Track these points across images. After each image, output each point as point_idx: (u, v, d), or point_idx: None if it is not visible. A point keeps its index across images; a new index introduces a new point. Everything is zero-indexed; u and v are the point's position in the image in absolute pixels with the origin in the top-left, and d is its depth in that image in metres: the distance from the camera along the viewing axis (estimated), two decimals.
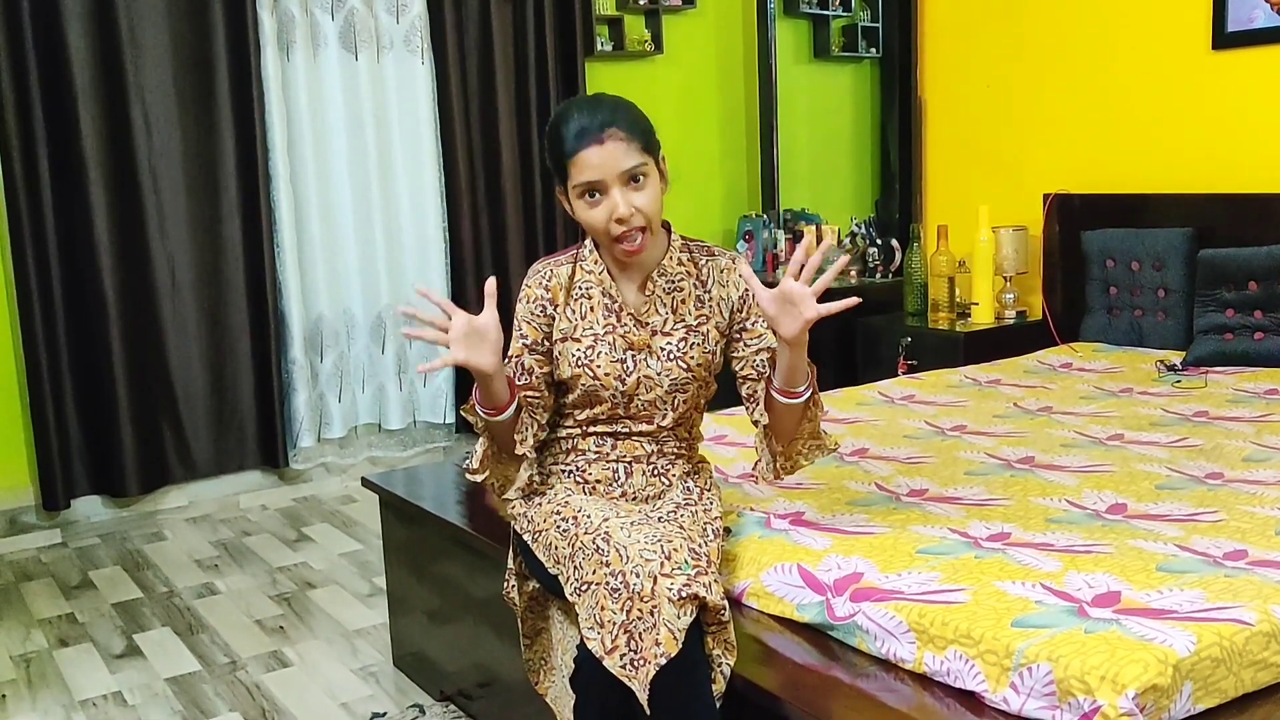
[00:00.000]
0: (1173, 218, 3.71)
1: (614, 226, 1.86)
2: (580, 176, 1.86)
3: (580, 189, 1.87)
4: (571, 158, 1.86)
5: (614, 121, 1.85)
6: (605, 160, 1.84)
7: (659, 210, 1.91)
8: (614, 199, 1.85)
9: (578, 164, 1.85)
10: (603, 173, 1.84)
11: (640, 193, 1.87)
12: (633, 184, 1.86)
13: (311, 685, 2.79)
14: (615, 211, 1.85)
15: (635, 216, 1.86)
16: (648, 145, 1.89)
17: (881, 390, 3.30)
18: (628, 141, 1.85)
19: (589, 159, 1.84)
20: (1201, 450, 2.51)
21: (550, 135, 1.91)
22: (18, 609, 3.36)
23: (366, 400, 4.51)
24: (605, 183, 1.85)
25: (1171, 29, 3.81)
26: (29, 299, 3.78)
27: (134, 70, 3.90)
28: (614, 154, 1.84)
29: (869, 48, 5.18)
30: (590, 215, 1.88)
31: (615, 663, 1.64)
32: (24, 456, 3.93)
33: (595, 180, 1.85)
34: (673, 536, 1.74)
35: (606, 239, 1.89)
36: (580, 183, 1.86)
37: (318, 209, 4.30)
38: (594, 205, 1.87)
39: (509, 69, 4.61)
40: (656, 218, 1.90)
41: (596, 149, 1.84)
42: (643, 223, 1.87)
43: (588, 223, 1.90)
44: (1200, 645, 1.51)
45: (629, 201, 1.85)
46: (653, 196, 1.88)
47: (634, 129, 1.87)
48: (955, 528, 2.03)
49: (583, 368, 1.94)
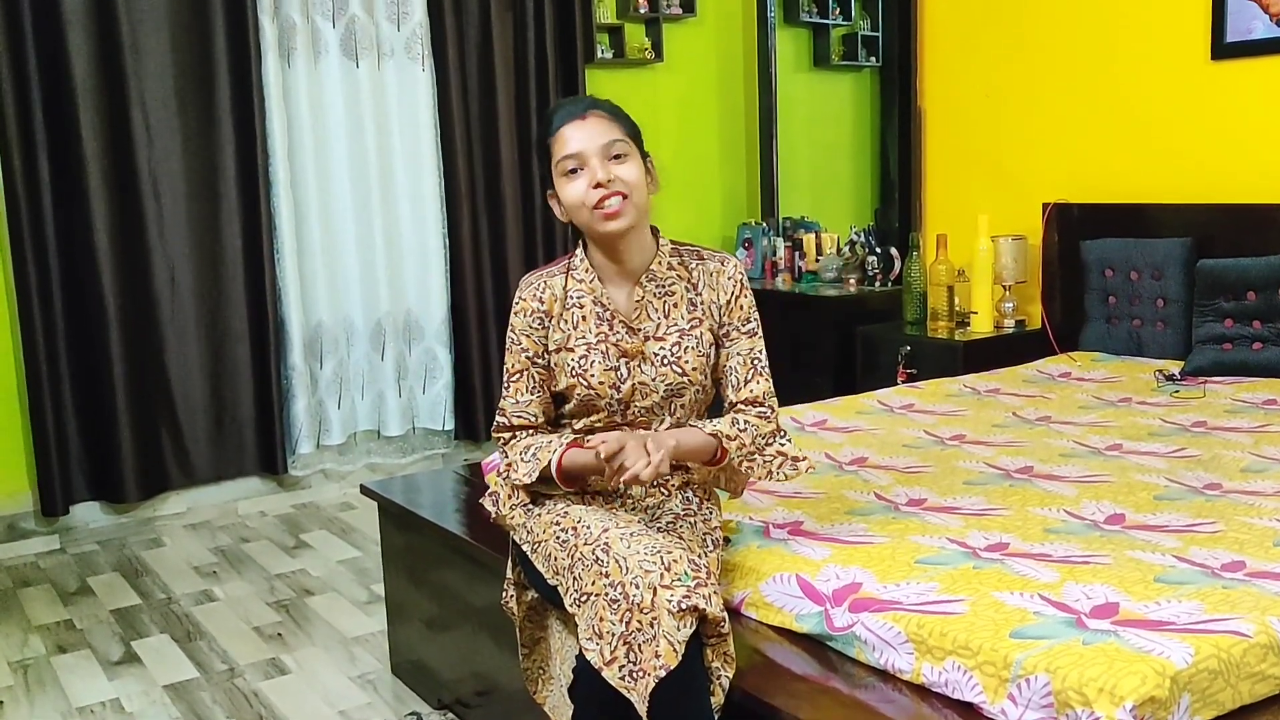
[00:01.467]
0: (1172, 227, 3.71)
1: (592, 194, 1.87)
2: (561, 151, 1.89)
3: (562, 166, 1.89)
4: (553, 135, 1.90)
5: (597, 105, 1.92)
6: (586, 134, 1.88)
7: (642, 191, 1.92)
8: (593, 168, 1.87)
9: (559, 140, 1.89)
10: (583, 144, 1.87)
11: (621, 165, 1.89)
12: (614, 160, 1.88)
13: (309, 693, 2.79)
14: (594, 176, 1.86)
15: (615, 182, 1.87)
16: (630, 132, 1.93)
17: (880, 399, 3.30)
18: (610, 121, 1.90)
19: (570, 133, 1.89)
20: (1200, 461, 2.51)
21: (538, 130, 1.96)
22: (16, 615, 3.36)
23: (366, 407, 4.51)
24: (585, 154, 1.88)
25: (1170, 39, 3.81)
26: (29, 304, 3.78)
27: (135, 77, 3.91)
28: (595, 128, 1.88)
29: (869, 56, 5.19)
30: (570, 190, 1.89)
31: (614, 674, 1.64)
32: (23, 462, 3.93)
33: (575, 152, 1.88)
34: (672, 548, 1.74)
35: (588, 214, 1.89)
36: (562, 157, 1.89)
37: (318, 215, 4.30)
38: (574, 181, 1.89)
39: (509, 77, 4.62)
40: (639, 193, 1.90)
41: (578, 123, 1.89)
42: (623, 189, 1.87)
43: (569, 202, 1.90)
44: (1198, 657, 1.51)
45: (609, 170, 1.87)
46: (635, 172, 1.90)
47: (617, 114, 1.93)
48: (954, 538, 2.03)
49: (577, 377, 1.95)
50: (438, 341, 4.57)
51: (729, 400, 2.00)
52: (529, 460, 1.93)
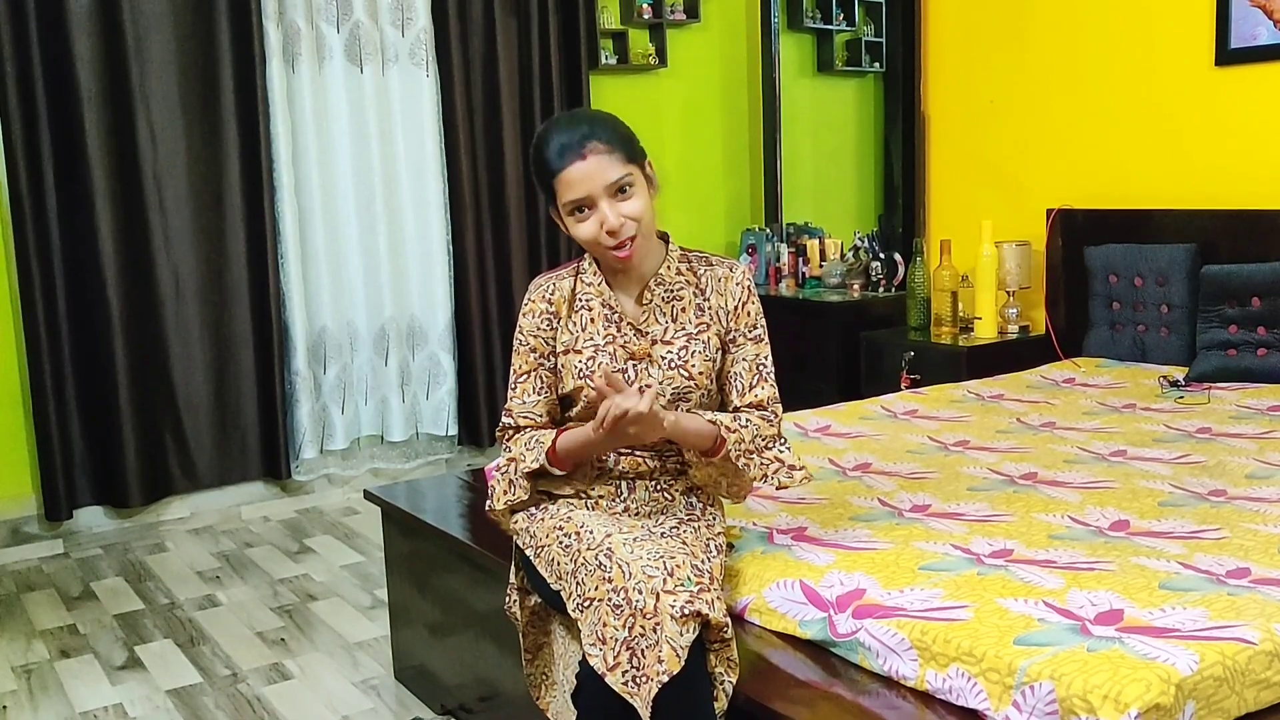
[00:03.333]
0: (1176, 233, 3.71)
1: (605, 238, 1.88)
2: (567, 195, 1.88)
3: (569, 206, 1.89)
4: (556, 176, 1.88)
5: (593, 135, 1.88)
6: (589, 175, 1.86)
7: (651, 217, 1.93)
8: (602, 211, 1.87)
9: (563, 182, 1.88)
10: (588, 188, 1.86)
11: (628, 201, 1.88)
12: (620, 195, 1.88)
13: (312, 698, 2.79)
14: (606, 223, 1.87)
15: (625, 226, 1.87)
16: (630, 154, 1.91)
17: (884, 405, 3.29)
18: (609, 154, 1.87)
19: (573, 176, 1.87)
20: (1204, 467, 2.50)
21: (534, 157, 1.93)
22: (19, 619, 3.36)
23: (369, 412, 4.52)
24: (593, 197, 1.87)
25: (1175, 45, 3.81)
26: (33, 308, 3.79)
27: (140, 81, 3.92)
28: (597, 168, 1.86)
29: (873, 62, 5.19)
30: (581, 230, 1.90)
31: (617, 679, 1.64)
32: (27, 466, 3.94)
33: (582, 197, 1.87)
34: (675, 553, 1.74)
35: (600, 250, 1.91)
36: (568, 200, 1.88)
37: (322, 221, 4.31)
38: (584, 220, 1.89)
39: (513, 82, 4.63)
40: (648, 224, 1.92)
41: (580, 164, 1.86)
42: (633, 231, 1.89)
43: (580, 238, 1.91)
44: (1203, 664, 1.51)
45: (618, 212, 1.87)
46: (641, 204, 1.90)
47: (614, 140, 1.89)
48: (958, 544, 2.02)
49: (584, 379, 1.95)
50: (441, 347, 4.57)
51: (733, 405, 2.00)
52: (533, 448, 1.94)
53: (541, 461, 1.92)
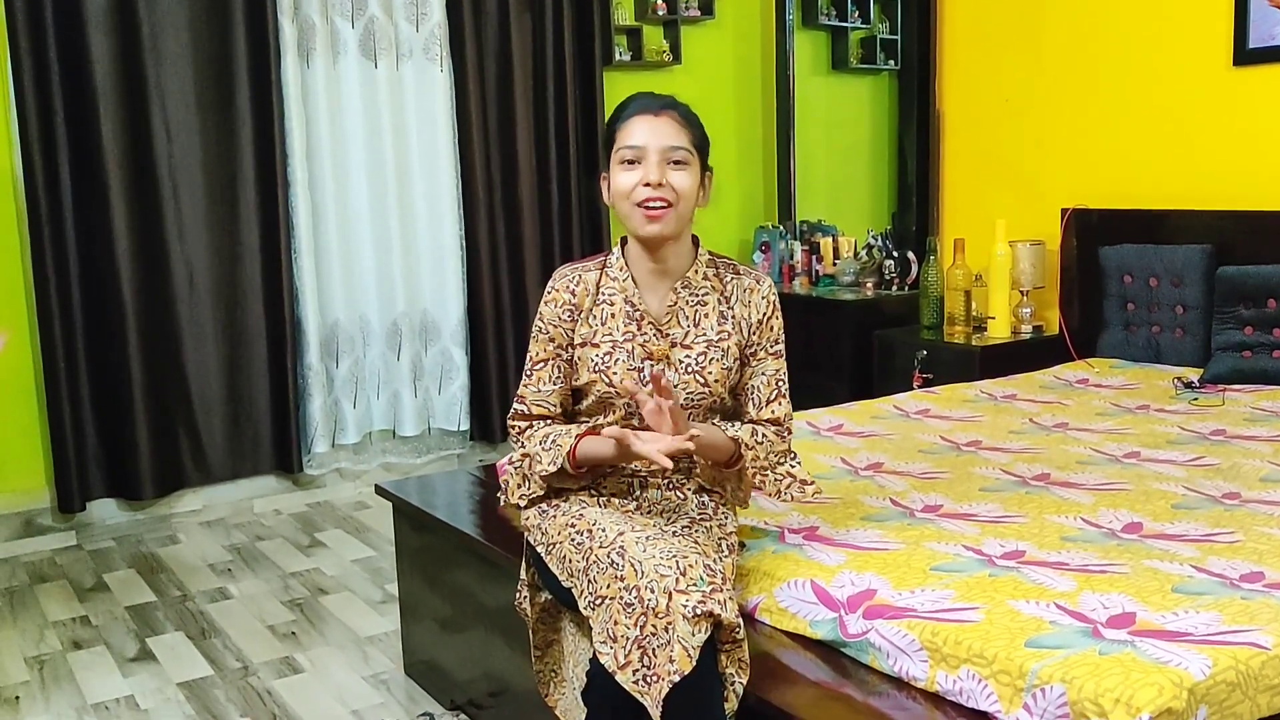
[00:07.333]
0: (1191, 234, 3.69)
1: (640, 190, 1.89)
2: (626, 140, 1.91)
3: (621, 155, 1.91)
4: (623, 123, 1.92)
5: (675, 106, 1.94)
6: (654, 130, 1.90)
7: (691, 206, 1.94)
8: (649, 165, 1.89)
9: (626, 129, 1.92)
10: (646, 140, 1.90)
11: (679, 173, 1.91)
12: (672, 165, 1.90)
13: (322, 692, 2.80)
14: (647, 175, 1.88)
15: (665, 189, 1.89)
16: (699, 143, 1.95)
17: (896, 404, 3.29)
18: (681, 126, 1.92)
19: (638, 125, 1.91)
20: (1219, 469, 2.49)
21: (612, 113, 1.98)
22: (32, 611, 3.38)
23: (381, 406, 4.52)
24: (646, 150, 1.90)
25: (1192, 45, 3.79)
26: (48, 302, 3.80)
27: (155, 77, 3.93)
28: (664, 128, 1.91)
29: (887, 60, 5.17)
30: (622, 179, 1.92)
31: (628, 678, 1.64)
32: (40, 459, 3.96)
33: (639, 146, 1.90)
34: (688, 552, 1.74)
35: (629, 208, 1.92)
36: (624, 146, 1.91)
37: (335, 215, 4.31)
38: (629, 172, 1.91)
39: (527, 78, 4.62)
40: (686, 209, 1.93)
41: (650, 118, 1.91)
42: (672, 199, 1.89)
43: (617, 189, 1.92)
44: (1216, 669, 1.50)
45: (664, 173, 1.89)
46: (690, 183, 1.92)
47: (691, 122, 1.95)
48: (969, 545, 2.02)
49: (599, 373, 1.95)
50: (454, 342, 4.57)
51: (749, 417, 2.02)
52: (550, 449, 1.94)
53: (561, 464, 1.92)
